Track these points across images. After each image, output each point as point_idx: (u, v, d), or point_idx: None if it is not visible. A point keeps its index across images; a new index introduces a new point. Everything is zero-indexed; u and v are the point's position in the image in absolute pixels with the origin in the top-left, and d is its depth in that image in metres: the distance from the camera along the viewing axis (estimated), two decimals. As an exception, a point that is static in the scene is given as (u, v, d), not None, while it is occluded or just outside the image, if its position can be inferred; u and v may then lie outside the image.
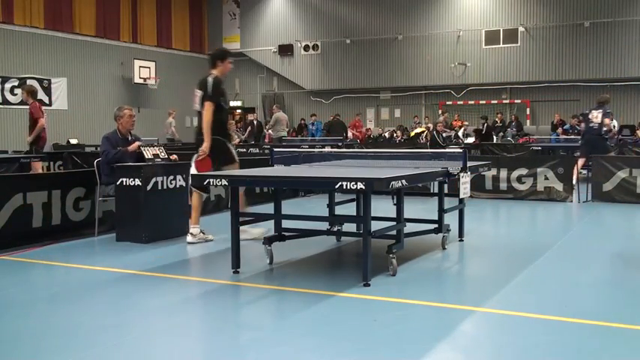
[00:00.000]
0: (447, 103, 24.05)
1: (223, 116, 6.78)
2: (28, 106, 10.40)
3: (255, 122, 23.07)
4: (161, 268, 5.65)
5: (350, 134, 21.76)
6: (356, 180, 4.48)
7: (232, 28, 27.25)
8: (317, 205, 8.75)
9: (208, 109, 6.50)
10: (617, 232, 7.88)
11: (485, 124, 21.10)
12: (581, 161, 11.21)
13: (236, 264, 5.30)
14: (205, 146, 6.48)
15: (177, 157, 7.59)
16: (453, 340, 3.72)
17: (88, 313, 4.36)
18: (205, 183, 5.29)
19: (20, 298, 4.76)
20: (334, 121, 21.49)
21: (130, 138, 7.36)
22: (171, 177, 7.08)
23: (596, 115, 11.36)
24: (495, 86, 23.29)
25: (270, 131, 19.24)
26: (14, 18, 19.72)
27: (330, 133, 20.58)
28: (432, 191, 7.43)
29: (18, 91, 19.44)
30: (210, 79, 6.61)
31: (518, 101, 23.39)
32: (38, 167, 10.11)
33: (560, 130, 20.31)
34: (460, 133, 20.23)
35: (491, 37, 22.91)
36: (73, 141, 20.44)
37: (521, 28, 22.44)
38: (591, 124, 11.38)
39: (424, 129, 19.81)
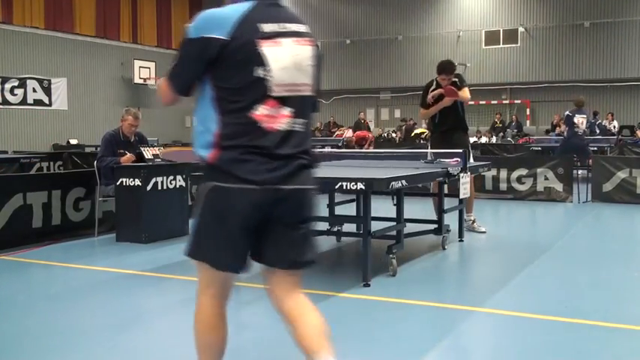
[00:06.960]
0: (448, 103, 24.01)
1: (444, 111, 7.17)
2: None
3: None
4: (161, 268, 5.65)
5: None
6: (356, 180, 4.48)
7: (232, 28, 27.23)
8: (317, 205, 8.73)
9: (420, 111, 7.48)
10: (617, 232, 7.88)
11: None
12: None
13: (236, 264, 5.29)
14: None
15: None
16: (453, 340, 3.72)
17: (88, 313, 4.36)
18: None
19: (20, 298, 4.77)
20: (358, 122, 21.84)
21: (132, 139, 7.35)
22: (171, 177, 7.08)
23: (581, 122, 11.47)
24: (495, 86, 23.26)
25: None
26: (14, 18, 19.68)
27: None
28: (432, 191, 7.42)
29: (18, 91, 19.44)
30: None
31: (518, 101, 23.37)
32: None
33: (558, 129, 20.29)
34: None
35: (491, 38, 22.90)
36: (73, 141, 20.40)
37: (521, 29, 22.42)
38: (576, 129, 11.48)
39: (425, 130, 19.75)
